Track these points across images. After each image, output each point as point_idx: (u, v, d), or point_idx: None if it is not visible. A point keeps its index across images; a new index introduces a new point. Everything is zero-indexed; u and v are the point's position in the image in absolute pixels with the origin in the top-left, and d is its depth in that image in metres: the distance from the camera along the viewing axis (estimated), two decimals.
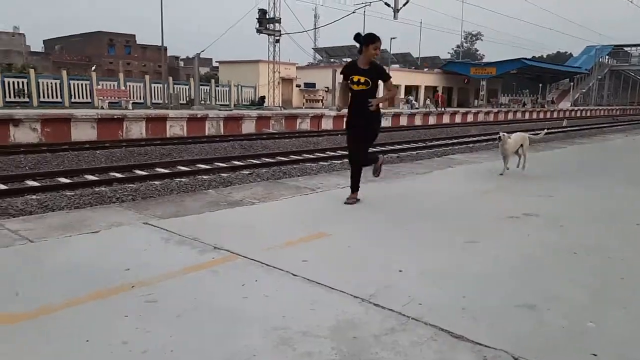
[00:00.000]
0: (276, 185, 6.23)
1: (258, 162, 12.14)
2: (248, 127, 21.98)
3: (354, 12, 28.99)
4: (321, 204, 5.18)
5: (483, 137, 20.45)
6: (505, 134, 6.96)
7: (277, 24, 29.26)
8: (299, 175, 9.58)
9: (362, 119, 4.92)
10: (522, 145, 7.17)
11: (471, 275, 3.12)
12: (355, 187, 5.13)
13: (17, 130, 15.34)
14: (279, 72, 31.48)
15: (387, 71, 5.08)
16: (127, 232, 3.85)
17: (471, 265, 3.32)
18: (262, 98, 31.27)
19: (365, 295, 2.74)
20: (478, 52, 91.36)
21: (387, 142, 16.84)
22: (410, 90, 47.96)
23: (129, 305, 2.53)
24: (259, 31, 29.24)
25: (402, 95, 45.25)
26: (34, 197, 7.76)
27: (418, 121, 33.02)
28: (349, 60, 6.63)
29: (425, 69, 52.23)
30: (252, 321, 2.41)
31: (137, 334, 2.24)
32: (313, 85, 40.14)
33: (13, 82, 21.34)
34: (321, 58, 52.53)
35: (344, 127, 5.23)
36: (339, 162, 12.41)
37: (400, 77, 46.52)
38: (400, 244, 3.78)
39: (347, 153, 5.56)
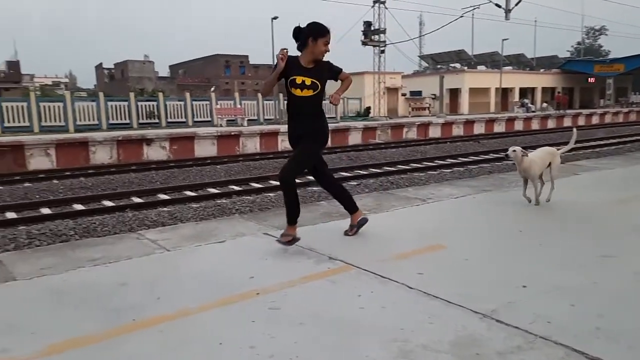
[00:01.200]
0: (386, 196, 6.22)
1: (365, 172, 12.22)
2: (354, 138, 22.24)
3: (461, 17, 28.13)
4: (434, 215, 5.08)
5: (613, 141, 18.59)
6: (518, 149, 5.00)
7: (382, 35, 29.36)
8: (407, 186, 9.47)
9: (309, 132, 3.89)
10: (549, 165, 5.25)
11: (607, 293, 2.86)
12: (290, 219, 3.86)
13: (149, 149, 17.06)
14: (385, 82, 31.49)
15: (334, 64, 3.97)
16: (249, 242, 4.10)
17: (607, 281, 3.04)
18: (368, 109, 31.47)
19: (486, 310, 2.64)
20: (602, 48, 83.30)
21: (500, 148, 15.99)
22: (525, 92, 45.19)
23: (255, 311, 2.69)
24: (364, 43, 29.57)
25: (517, 99, 42.76)
26: (165, 209, 8.56)
27: (535, 125, 30.96)
28: (455, 66, 6.15)
29: (542, 70, 48.87)
30: (371, 332, 2.44)
31: (264, 339, 2.37)
32: (419, 93, 39.53)
33: (145, 106, 23.81)
34: (427, 65, 51.60)
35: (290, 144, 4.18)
36: (448, 171, 12.06)
37: (513, 80, 44.06)
38: (523, 257, 3.58)
39: (456, 162, 5.26)
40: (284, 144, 19.98)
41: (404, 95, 39.50)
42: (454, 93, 41.90)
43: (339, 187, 4.30)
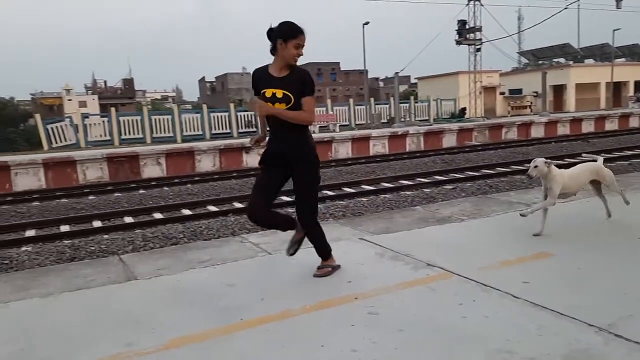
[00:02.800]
0: (486, 200, 5.98)
1: (462, 176, 11.82)
2: (449, 141, 21.59)
3: (566, 8, 26.24)
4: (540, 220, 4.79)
5: None
6: (540, 160, 4.11)
7: (477, 33, 28.28)
8: (508, 189, 9.01)
9: (296, 155, 3.35)
10: (594, 184, 4.46)
11: None
12: (324, 253, 3.52)
13: (248, 157, 17.88)
14: (481, 82, 30.25)
15: (312, 82, 3.28)
16: (345, 246, 4.16)
17: None
18: (463, 110, 30.41)
19: (602, 324, 2.45)
20: None
21: (614, 148, 14.65)
22: None
23: (354, 315, 2.74)
24: (458, 42, 28.69)
25: (631, 93, 38.94)
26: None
27: None
28: (559, 61, 5.37)
29: None
30: (473, 341, 2.37)
31: (365, 343, 2.41)
32: (519, 91, 37.42)
33: (243, 115, 25.03)
34: (527, 61, 48.73)
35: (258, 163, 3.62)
36: None
37: (627, 73, 40.21)
38: None
39: (563, 163, 4.80)
40: (375, 148, 19.95)
41: (502, 94, 37.62)
42: (558, 90, 39.12)
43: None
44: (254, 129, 24.54)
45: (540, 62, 44.84)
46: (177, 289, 3.33)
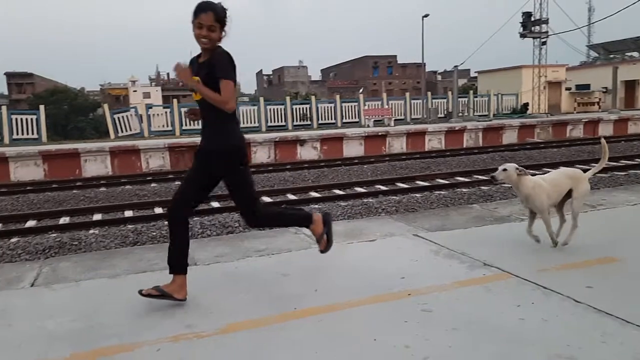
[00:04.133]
0: None
1: None
2: (509, 137, 20.85)
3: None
4: (605, 223, 4.56)
5: None
6: (511, 166, 3.63)
7: (543, 25, 27.04)
8: None
9: (207, 147, 3.03)
10: (569, 193, 3.78)
11: None
12: (173, 264, 2.99)
13: (302, 149, 18.07)
14: (545, 76, 28.95)
15: (229, 64, 2.91)
16: (399, 242, 4.14)
17: None
18: (525, 105, 29.23)
19: None
20: None
21: None
22: None
23: (407, 311, 2.73)
24: (522, 35, 27.57)
25: None
26: (316, 206, 9.00)
27: None
28: (633, 55, 4.65)
29: None
30: (531, 345, 2.31)
31: (417, 340, 2.40)
32: (587, 86, 35.48)
33: (298, 108, 25.28)
34: (597, 55, 46.10)
35: None
36: (623, 173, 10.66)
37: None
38: None
39: (633, 163, 4.26)
40: (431, 143, 19.59)
41: (568, 89, 35.81)
42: (631, 86, 36.72)
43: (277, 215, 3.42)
44: (309, 122, 24.74)
45: (611, 56, 42.27)
46: (235, 276, 3.44)
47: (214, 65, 2.87)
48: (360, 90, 34.24)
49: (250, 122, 23.80)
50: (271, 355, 2.34)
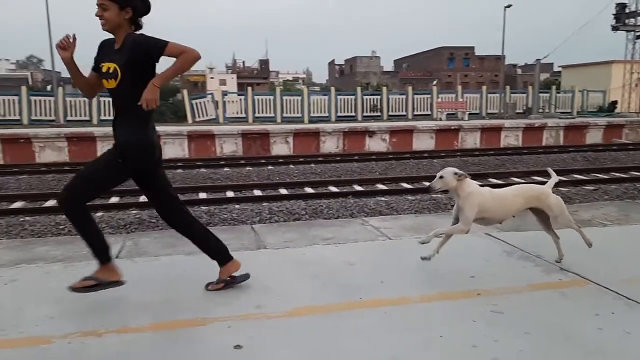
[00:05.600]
0: (634, 206, 5.37)
1: (606, 176, 10.67)
2: (593, 137, 19.54)
3: None
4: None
5: None
6: (449, 171, 3.24)
7: (639, 18, 24.96)
8: None
9: (117, 145, 2.76)
10: (538, 214, 3.47)
11: None
12: (98, 254, 2.82)
13: (371, 141, 17.97)
14: (639, 73, 26.77)
15: (152, 37, 2.68)
16: (469, 240, 4.01)
17: None
18: (613, 103, 27.23)
19: None
20: None
21: None
22: None
23: (476, 311, 2.66)
24: (615, 28, 25.63)
25: None
26: (382, 199, 8.94)
27: None
28: None
29: None
30: (611, 357, 2.18)
31: (486, 340, 2.33)
32: None
33: (369, 99, 25.12)
34: None
35: None
36: None
37: None
38: None
39: None
40: (507, 140, 18.79)
41: None
42: None
43: (197, 227, 3.03)
44: (379, 113, 24.53)
45: None
46: (302, 262, 3.52)
47: (142, 50, 2.65)
48: (434, 82, 33.41)
49: (320, 112, 23.97)
50: (335, 341, 2.37)
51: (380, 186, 10.25)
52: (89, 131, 15.32)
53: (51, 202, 8.06)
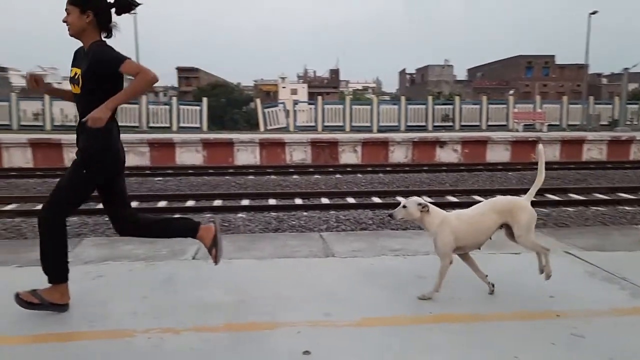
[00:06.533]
0: None
1: None
2: None
3: None
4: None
5: None
6: (412, 201, 3.02)
7: None
8: None
9: (80, 152, 2.78)
10: (505, 227, 3.08)
11: None
12: (56, 273, 2.71)
13: (442, 151, 17.58)
14: None
15: (112, 50, 2.66)
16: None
17: None
18: None
19: None
20: None
21: None
22: None
23: (555, 333, 2.52)
24: None
25: None
26: (453, 211, 8.72)
27: None
28: None
29: None
30: None
31: None
32: None
33: (441, 109, 24.63)
34: None
35: None
36: None
37: None
38: None
39: None
40: (589, 153, 17.69)
41: None
42: None
43: (159, 223, 3.05)
44: (451, 123, 23.97)
45: None
46: (370, 272, 3.50)
47: (99, 61, 2.63)
48: (511, 92, 32.14)
49: (390, 121, 23.82)
50: (405, 355, 2.34)
51: (451, 198, 9.99)
52: (169, 137, 16.19)
53: (133, 204, 8.58)
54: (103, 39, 2.74)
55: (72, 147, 14.81)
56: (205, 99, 22.92)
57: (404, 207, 2.99)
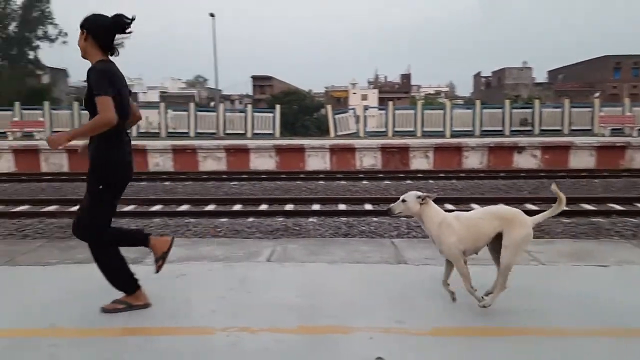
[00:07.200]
0: None
1: None
2: None
3: None
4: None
5: None
6: (412, 195, 2.93)
7: None
8: None
9: (89, 167, 2.88)
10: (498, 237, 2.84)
11: None
12: (122, 289, 2.93)
13: (520, 157, 16.81)
14: None
15: (100, 79, 2.74)
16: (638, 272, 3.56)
17: None
18: None
19: None
20: None
21: None
22: None
23: None
24: None
25: None
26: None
27: None
28: None
29: None
30: None
31: None
32: None
33: (518, 113, 23.54)
34: None
35: None
36: None
37: None
38: None
39: None
40: None
41: None
42: None
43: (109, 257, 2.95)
44: (530, 128, 22.87)
45: None
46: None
47: (87, 83, 2.82)
48: (596, 94, 30.14)
49: (463, 126, 23.13)
50: None
51: (530, 206, 9.53)
52: (243, 144, 16.78)
53: (211, 207, 8.98)
54: (107, 58, 2.89)
55: (156, 153, 16.02)
56: (278, 106, 23.49)
57: (403, 201, 2.95)
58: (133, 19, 2.85)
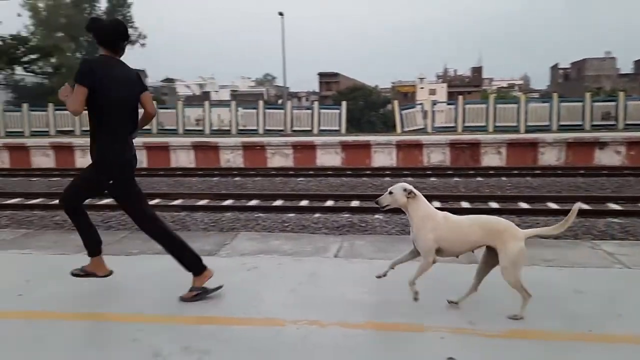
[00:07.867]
0: None
1: None
2: None
3: None
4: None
5: None
6: (398, 187, 2.96)
7: None
8: None
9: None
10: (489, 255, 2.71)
11: None
12: (88, 249, 3.24)
13: (602, 153, 15.75)
14: None
15: (78, 72, 2.97)
16: None
17: None
18: None
19: None
20: None
21: None
22: None
23: None
24: None
25: None
26: (615, 220, 7.76)
27: None
28: None
29: None
30: None
31: None
32: None
33: (600, 106, 22.03)
34: None
35: None
36: None
37: None
38: None
39: None
40: None
41: None
42: None
43: (168, 236, 3.18)
44: (613, 122, 21.36)
45: None
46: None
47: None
48: None
49: (539, 121, 22.01)
50: None
51: (613, 205, 8.92)
52: (310, 140, 16.97)
53: (278, 202, 9.17)
54: (109, 54, 3.14)
55: (227, 149, 16.59)
56: (344, 103, 23.50)
57: (390, 193, 2.98)
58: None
